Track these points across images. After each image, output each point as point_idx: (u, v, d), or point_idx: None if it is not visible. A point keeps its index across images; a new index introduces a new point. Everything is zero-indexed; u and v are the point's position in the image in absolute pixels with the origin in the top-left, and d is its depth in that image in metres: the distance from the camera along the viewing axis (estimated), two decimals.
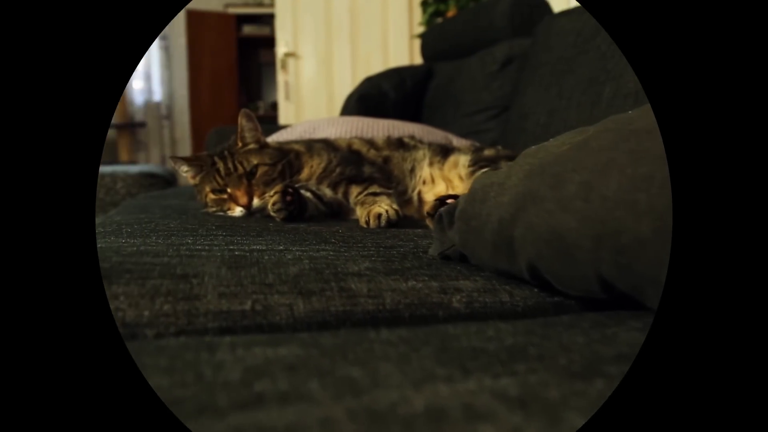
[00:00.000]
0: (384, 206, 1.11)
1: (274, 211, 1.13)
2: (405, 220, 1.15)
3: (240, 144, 1.27)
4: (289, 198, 1.13)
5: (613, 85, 1.42)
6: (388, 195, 1.21)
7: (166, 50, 5.11)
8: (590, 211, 0.57)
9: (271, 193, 1.17)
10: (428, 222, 1.08)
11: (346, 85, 3.71)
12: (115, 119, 4.85)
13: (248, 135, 1.28)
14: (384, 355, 0.43)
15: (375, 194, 1.20)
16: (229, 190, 1.23)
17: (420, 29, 3.41)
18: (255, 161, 1.24)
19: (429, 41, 2.66)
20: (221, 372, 0.39)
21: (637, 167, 0.56)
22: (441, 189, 1.34)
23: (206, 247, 0.74)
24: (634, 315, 0.59)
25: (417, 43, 3.64)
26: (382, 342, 0.46)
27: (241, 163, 1.23)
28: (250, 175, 1.23)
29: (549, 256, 0.60)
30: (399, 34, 3.72)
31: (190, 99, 5.13)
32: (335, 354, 0.43)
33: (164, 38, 5.08)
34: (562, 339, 0.49)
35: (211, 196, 1.25)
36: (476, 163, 1.32)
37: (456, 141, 1.85)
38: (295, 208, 1.14)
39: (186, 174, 1.31)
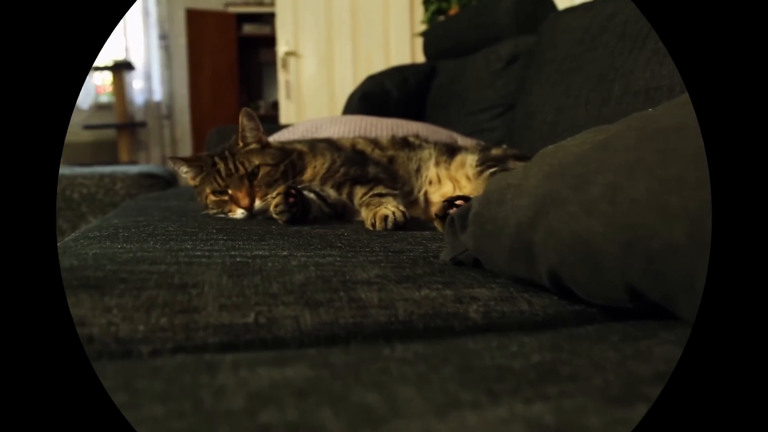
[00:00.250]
0: (390, 208, 1.06)
1: (276, 214, 1.09)
2: (411, 222, 1.10)
3: (241, 144, 1.23)
4: (291, 200, 1.09)
5: (623, 83, 1.38)
6: (394, 196, 1.17)
7: (166, 50, 5.06)
8: (617, 214, 0.53)
9: (274, 194, 1.13)
10: (436, 224, 1.04)
11: (347, 84, 3.66)
12: (115, 119, 4.81)
13: (249, 134, 1.24)
14: (401, 375, 0.39)
15: (380, 195, 1.16)
16: (230, 191, 1.18)
17: (422, 27, 3.37)
18: (257, 161, 1.19)
19: (431, 39, 2.62)
20: (223, 398, 0.35)
21: (667, 168, 0.51)
22: (448, 189, 1.30)
23: (206, 254, 0.70)
24: (665, 326, 0.55)
25: (419, 42, 3.60)
26: (397, 360, 0.42)
27: (243, 164, 1.19)
28: (252, 175, 1.19)
29: (572, 263, 0.56)
30: (400, 33, 3.68)
31: (190, 98, 5.08)
32: (348, 375, 0.39)
33: (164, 37, 5.04)
34: (593, 355, 0.45)
35: (212, 197, 1.21)
36: (484, 163, 1.27)
37: (461, 140, 1.81)
38: (298, 210, 1.10)
39: (186, 175, 1.27)
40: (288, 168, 1.24)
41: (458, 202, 1.03)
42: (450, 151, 1.36)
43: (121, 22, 4.94)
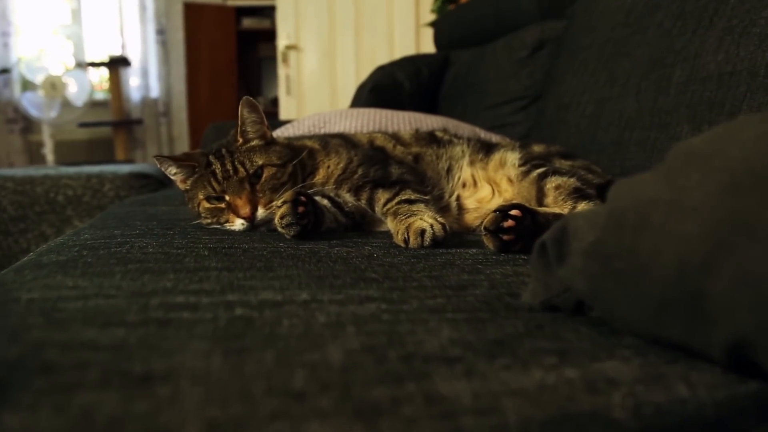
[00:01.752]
0: (427, 219, 0.83)
1: (282, 227, 0.86)
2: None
3: (241, 140, 0.99)
4: (301, 209, 0.86)
5: (686, 67, 1.15)
6: (426, 203, 0.93)
7: (164, 45, 4.78)
8: None
9: (279, 202, 0.89)
10: (486, 240, 0.81)
11: (349, 79, 3.43)
12: (111, 116, 4.55)
13: (251, 129, 1.00)
14: None
15: (409, 201, 0.93)
16: (227, 197, 0.95)
17: (429, 18, 3.13)
18: (260, 161, 0.96)
19: (444, 28, 2.38)
20: None
21: None
22: (485, 194, 1.06)
23: (191, 299, 0.46)
24: None
25: (424, 34, 3.36)
26: None
27: (243, 164, 0.95)
28: (254, 178, 0.95)
29: None
30: (405, 24, 3.43)
31: (188, 95, 4.81)
32: None
33: (161, 32, 4.76)
34: None
35: (206, 204, 0.97)
36: (527, 162, 1.04)
37: (484, 135, 1.57)
38: (309, 222, 0.87)
39: (175, 177, 1.03)
40: (297, 169, 1.00)
41: (513, 212, 0.80)
42: (486, 148, 1.12)
43: (117, 16, 4.68)
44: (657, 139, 1.17)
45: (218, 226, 0.97)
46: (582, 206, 0.91)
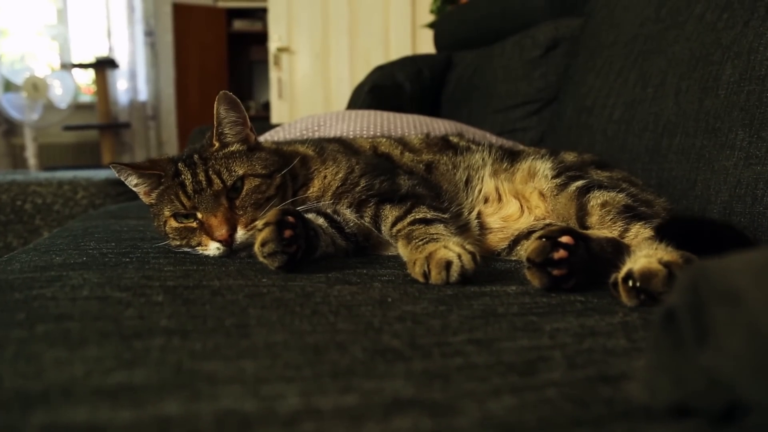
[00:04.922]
0: (453, 248, 0.63)
1: (264, 256, 0.65)
2: None
3: (217, 144, 0.80)
4: (288, 233, 0.66)
5: (739, 64, 0.96)
6: (445, 223, 0.74)
7: (152, 47, 4.56)
8: None
9: (261, 224, 0.69)
10: (530, 275, 0.61)
11: (344, 82, 3.24)
12: (98, 120, 4.32)
13: (230, 131, 0.80)
14: None
15: (426, 222, 0.73)
16: (200, 215, 0.75)
17: (426, 19, 2.95)
18: (240, 171, 0.76)
19: (445, 29, 2.19)
20: None
21: None
22: (512, 211, 0.87)
23: (100, 416, 0.26)
24: None
25: (421, 37, 3.17)
26: None
27: (219, 174, 0.75)
28: (233, 192, 0.75)
29: None
30: (401, 26, 3.25)
31: (177, 98, 4.59)
32: None
33: (150, 34, 4.54)
34: None
35: (173, 223, 0.77)
36: (561, 173, 0.85)
37: (496, 141, 1.39)
38: (299, 249, 0.67)
39: (137, 189, 0.82)
40: (286, 180, 0.81)
41: (564, 239, 0.61)
42: (510, 156, 0.93)
43: (105, 17, 4.46)
44: (704, 147, 0.99)
45: (189, 250, 0.77)
46: (636, 229, 0.72)
